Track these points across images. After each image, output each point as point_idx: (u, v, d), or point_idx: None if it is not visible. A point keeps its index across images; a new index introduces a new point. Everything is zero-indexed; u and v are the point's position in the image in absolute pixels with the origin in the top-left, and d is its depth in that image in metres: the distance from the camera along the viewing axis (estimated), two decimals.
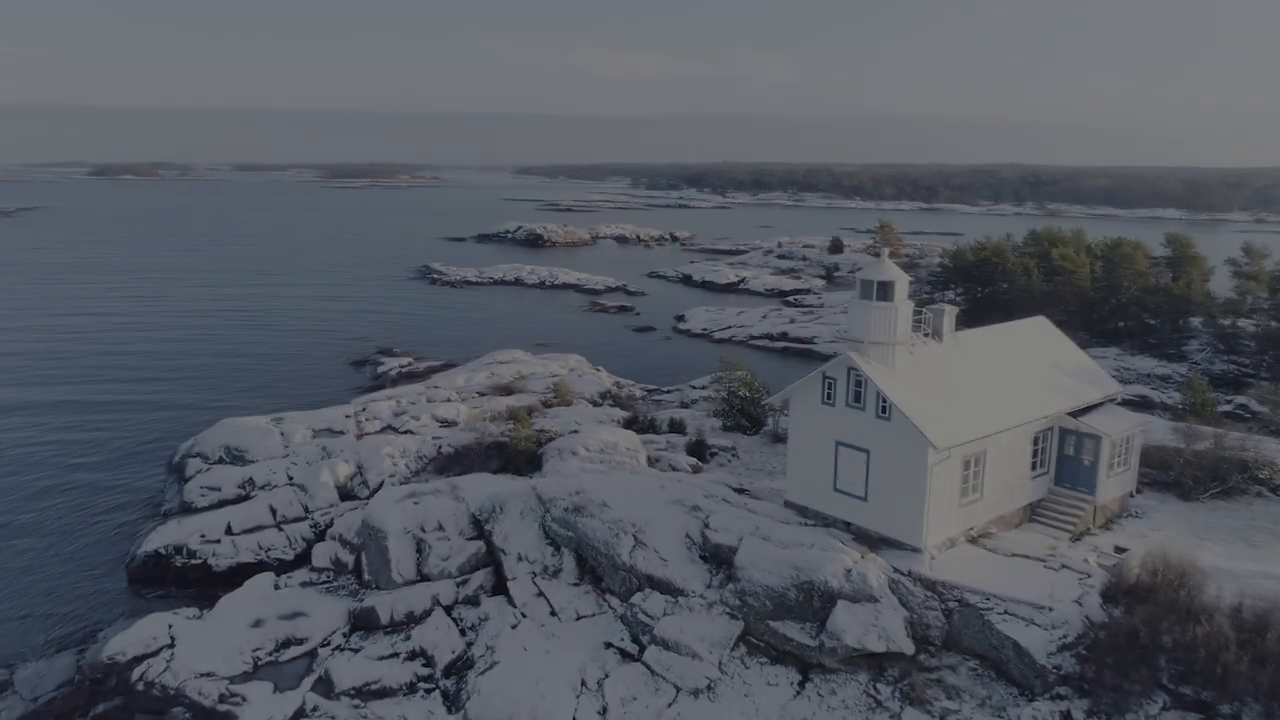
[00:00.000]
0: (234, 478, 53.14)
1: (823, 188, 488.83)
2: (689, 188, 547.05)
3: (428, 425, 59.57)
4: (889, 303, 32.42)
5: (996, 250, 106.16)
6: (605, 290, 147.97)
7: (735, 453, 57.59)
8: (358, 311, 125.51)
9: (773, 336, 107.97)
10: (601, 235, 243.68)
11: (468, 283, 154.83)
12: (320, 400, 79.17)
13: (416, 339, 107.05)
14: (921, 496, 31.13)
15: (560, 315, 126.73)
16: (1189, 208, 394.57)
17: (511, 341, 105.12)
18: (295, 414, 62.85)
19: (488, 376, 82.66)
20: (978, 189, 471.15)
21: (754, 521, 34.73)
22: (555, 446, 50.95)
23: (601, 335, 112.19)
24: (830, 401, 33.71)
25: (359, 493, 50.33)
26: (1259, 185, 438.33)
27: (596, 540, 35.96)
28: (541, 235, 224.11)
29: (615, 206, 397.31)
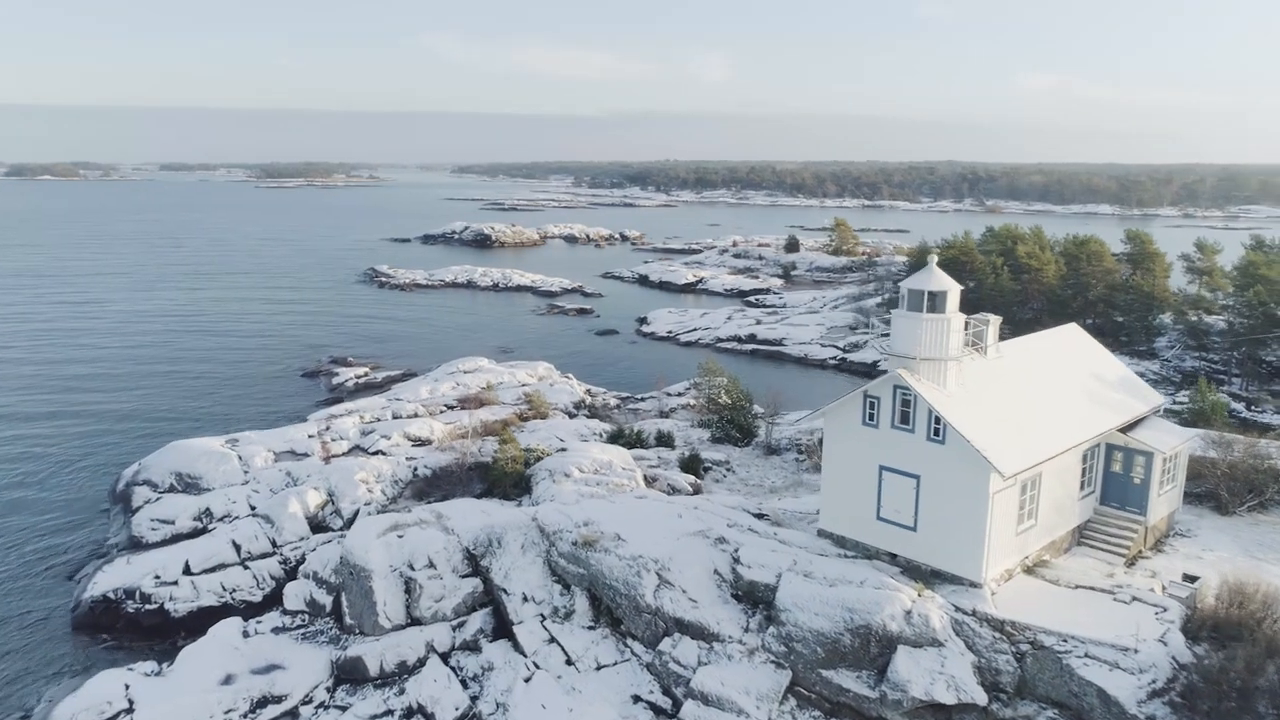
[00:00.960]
0: (188, 508, 48.41)
1: (766, 185, 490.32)
2: (632, 186, 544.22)
3: (400, 445, 55.39)
4: (940, 315, 29.62)
5: (964, 249, 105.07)
6: (562, 292, 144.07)
7: (730, 467, 54.61)
8: (306, 317, 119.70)
9: (740, 339, 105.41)
10: (550, 235, 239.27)
11: (418, 286, 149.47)
12: (274, 416, 74.32)
13: (370, 346, 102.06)
14: (982, 527, 28.38)
15: (518, 319, 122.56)
16: (1121, 203, 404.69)
17: (471, 348, 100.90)
18: (252, 434, 58.10)
19: (453, 387, 78.49)
20: (917, 186, 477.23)
21: (789, 555, 31.65)
22: (545, 467, 47.29)
23: (563, 340, 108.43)
24: (873, 423, 30.80)
25: (331, 523, 46.03)
26: (1185, 181, 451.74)
27: (614, 579, 32.54)
28: (490, 236, 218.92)
29: (560, 206, 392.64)
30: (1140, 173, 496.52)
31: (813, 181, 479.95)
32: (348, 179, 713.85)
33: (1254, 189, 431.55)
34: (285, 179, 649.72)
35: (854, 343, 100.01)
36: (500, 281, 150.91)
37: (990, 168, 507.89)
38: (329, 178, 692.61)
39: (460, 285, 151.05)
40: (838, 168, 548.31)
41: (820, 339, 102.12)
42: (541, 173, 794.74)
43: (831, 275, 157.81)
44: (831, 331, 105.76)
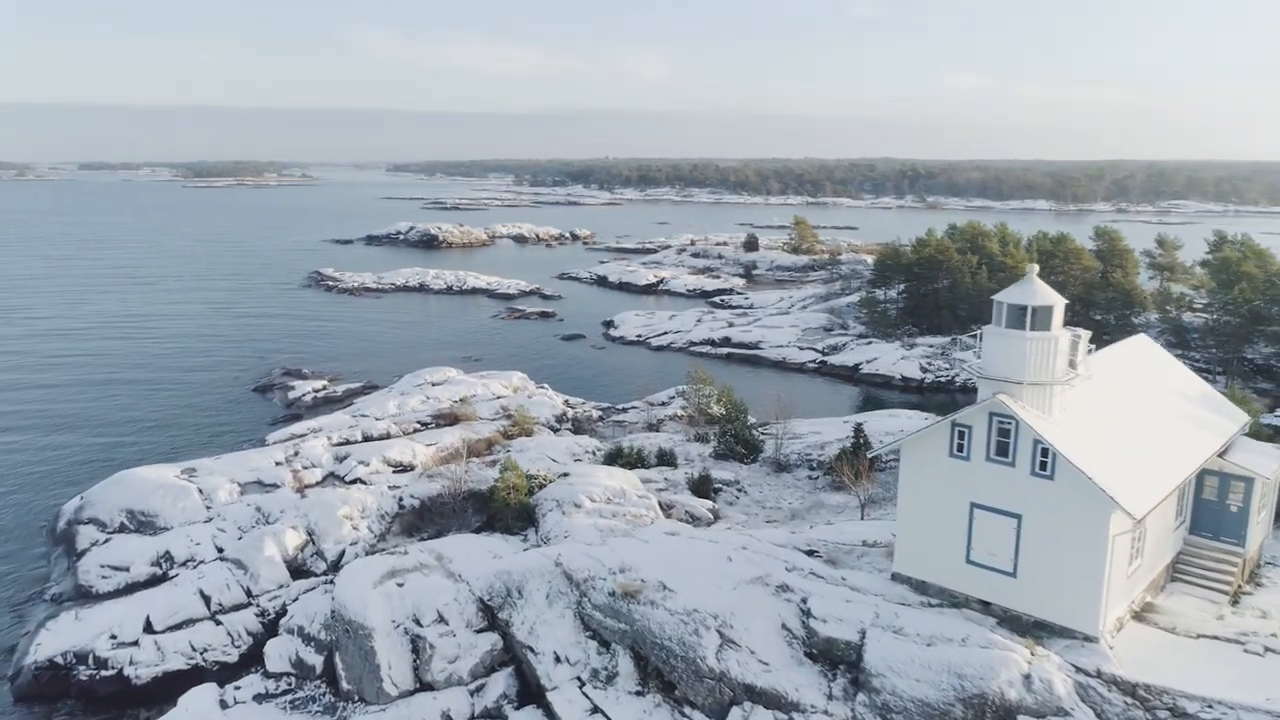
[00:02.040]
0: (144, 552, 42.80)
1: (710, 183, 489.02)
2: (575, 184, 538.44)
3: (380, 473, 50.31)
4: (1046, 333, 26.09)
5: (940, 248, 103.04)
6: (519, 295, 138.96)
7: (741, 487, 50.80)
8: (252, 324, 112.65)
9: (714, 342, 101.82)
10: (499, 235, 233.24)
11: (367, 289, 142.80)
12: (228, 437, 68.35)
13: (324, 356, 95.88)
14: (1099, 573, 24.94)
15: (478, 324, 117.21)
16: (1057, 199, 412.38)
17: (434, 356, 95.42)
18: (210, 462, 52.37)
19: (423, 401, 73.29)
20: (859, 183, 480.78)
21: (868, 606, 27.86)
22: (550, 496, 42.80)
23: (529, 346, 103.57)
24: (963, 454, 27.17)
25: (313, 567, 40.91)
26: (1116, 177, 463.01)
27: (666, 637, 28.38)
28: (437, 236, 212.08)
29: (504, 205, 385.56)
30: (1068, 169, 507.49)
31: (756, 179, 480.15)
32: (280, 178, 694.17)
33: (1181, 184, 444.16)
34: (214, 178, 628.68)
35: (832, 345, 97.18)
36: (454, 284, 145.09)
37: (929, 165, 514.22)
38: (260, 177, 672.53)
39: (412, 289, 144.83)
40: (779, 165, 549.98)
41: (797, 341, 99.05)
42: (480, 171, 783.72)
43: (793, 274, 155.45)
44: (807, 333, 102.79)
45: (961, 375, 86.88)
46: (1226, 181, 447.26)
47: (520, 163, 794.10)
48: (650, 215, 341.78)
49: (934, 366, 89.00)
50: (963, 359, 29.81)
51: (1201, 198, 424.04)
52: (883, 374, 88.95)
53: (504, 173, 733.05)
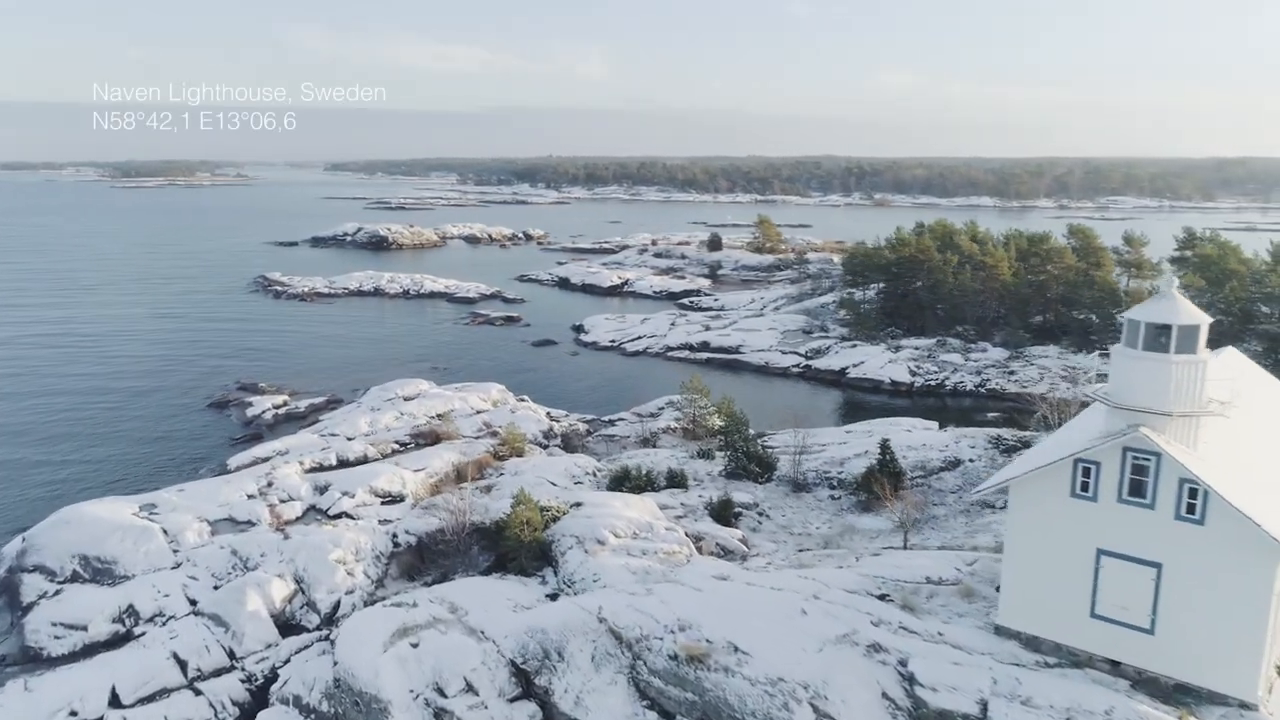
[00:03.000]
0: (104, 606, 37.53)
1: (658, 181, 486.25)
2: (521, 183, 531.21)
3: (368, 505, 45.47)
4: (1192, 356, 22.77)
5: (921, 247, 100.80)
6: (480, 298, 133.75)
7: (762, 511, 47.11)
8: (200, 334, 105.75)
9: (692, 347, 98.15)
10: (450, 235, 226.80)
11: (319, 295, 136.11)
12: (185, 462, 62.60)
13: (281, 367, 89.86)
14: (1260, 631, 21.76)
15: (441, 331, 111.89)
16: (1001, 196, 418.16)
17: (399, 367, 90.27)
18: (172, 496, 46.93)
19: (397, 418, 68.29)
20: (806, 180, 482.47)
21: (980, 669, 24.29)
22: (568, 532, 38.54)
23: (498, 354, 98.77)
24: (1088, 494, 23.76)
25: (305, 620, 36.05)
26: (1056, 174, 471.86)
27: (749, 712, 24.47)
28: (386, 237, 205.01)
29: (450, 204, 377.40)
30: (1008, 166, 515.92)
31: (704, 177, 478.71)
32: (213, 178, 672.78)
33: (1118, 181, 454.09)
34: (144, 178, 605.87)
35: (815, 348, 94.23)
36: (410, 288, 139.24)
37: (874, 162, 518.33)
38: (192, 176, 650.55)
39: (367, 293, 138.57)
40: (727, 163, 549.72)
41: (779, 345, 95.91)
42: (421, 170, 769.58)
43: (759, 274, 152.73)
44: (787, 336, 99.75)
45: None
46: (1160, 178, 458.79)
47: (463, 161, 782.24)
48: (601, 214, 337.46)
49: (923, 370, 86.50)
50: (1092, 388, 26.32)
51: (1138, 193, 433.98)
52: (871, 378, 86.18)
53: (447, 171, 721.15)
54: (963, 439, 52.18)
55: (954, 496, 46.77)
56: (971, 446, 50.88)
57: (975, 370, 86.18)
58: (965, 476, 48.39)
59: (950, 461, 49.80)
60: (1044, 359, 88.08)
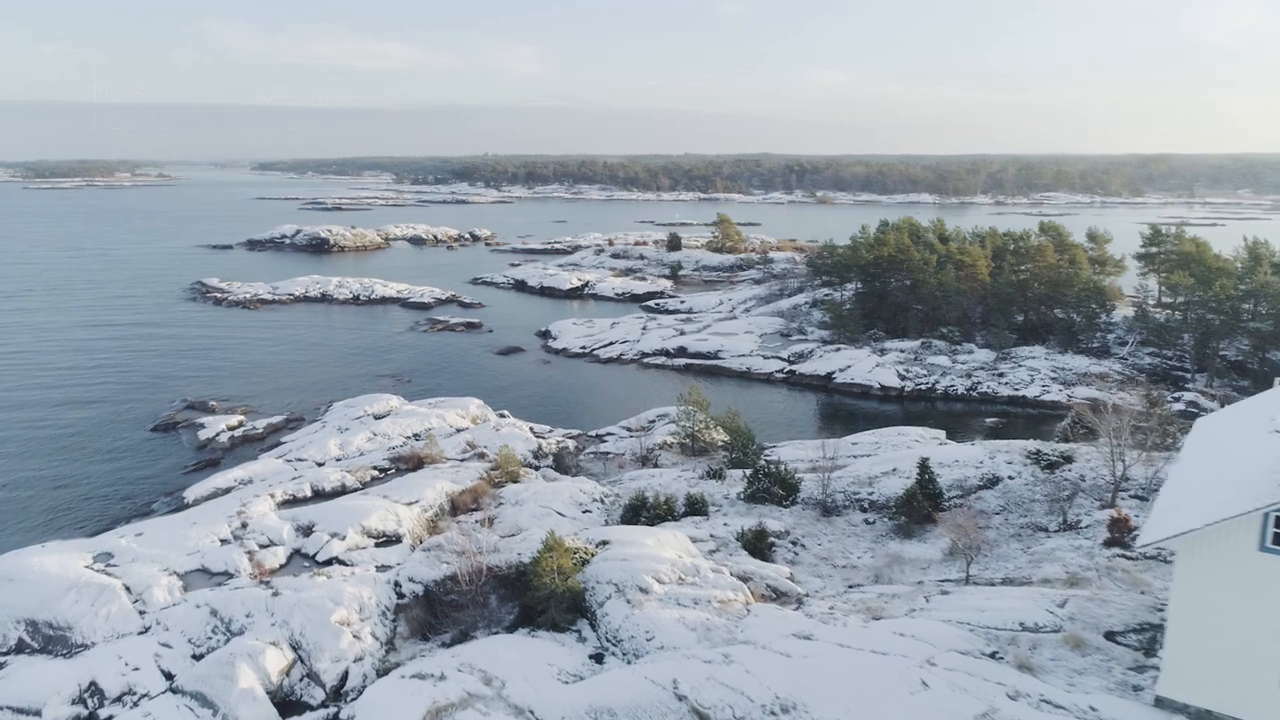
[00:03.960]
0: (60, 683, 31.76)
1: (599, 180, 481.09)
2: (458, 182, 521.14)
3: (362, 548, 40.17)
4: None
5: (901, 246, 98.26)
6: (435, 303, 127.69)
7: (796, 540, 43.15)
8: (136, 348, 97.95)
9: (669, 353, 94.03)
10: (394, 237, 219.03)
11: (263, 302, 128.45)
12: (136, 494, 56.39)
13: (230, 383, 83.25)
14: None
15: (398, 338, 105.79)
16: (940, 192, 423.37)
17: (356, 379, 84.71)
18: (130, 543, 40.98)
19: (370, 439, 62.93)
20: (747, 178, 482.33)
21: None
22: (605, 579, 33.95)
23: (464, 363, 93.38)
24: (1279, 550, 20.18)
25: (308, 696, 30.82)
26: (990, 171, 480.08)
27: None
28: (327, 240, 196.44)
29: (388, 204, 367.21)
30: (941, 163, 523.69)
31: (645, 175, 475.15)
32: (134, 178, 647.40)
33: (1050, 177, 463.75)
34: (59, 178, 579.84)
35: (798, 352, 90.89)
36: (360, 293, 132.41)
37: (813, 160, 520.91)
38: (111, 176, 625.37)
39: (314, 299, 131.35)
40: (664, 161, 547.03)
41: (760, 350, 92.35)
42: (353, 169, 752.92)
43: (720, 274, 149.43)
44: (766, 340, 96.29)
45: (942, 383, 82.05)
46: (1089, 174, 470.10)
47: (397, 160, 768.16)
48: (545, 213, 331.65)
49: (912, 373, 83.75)
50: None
51: (1069, 189, 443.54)
52: (859, 383, 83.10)
53: (380, 170, 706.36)
54: (997, 454, 48.94)
55: (999, 519, 43.44)
56: (1009, 462, 47.66)
57: (965, 373, 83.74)
58: (1007, 496, 45.12)
59: (988, 479, 46.51)
60: (1032, 360, 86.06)
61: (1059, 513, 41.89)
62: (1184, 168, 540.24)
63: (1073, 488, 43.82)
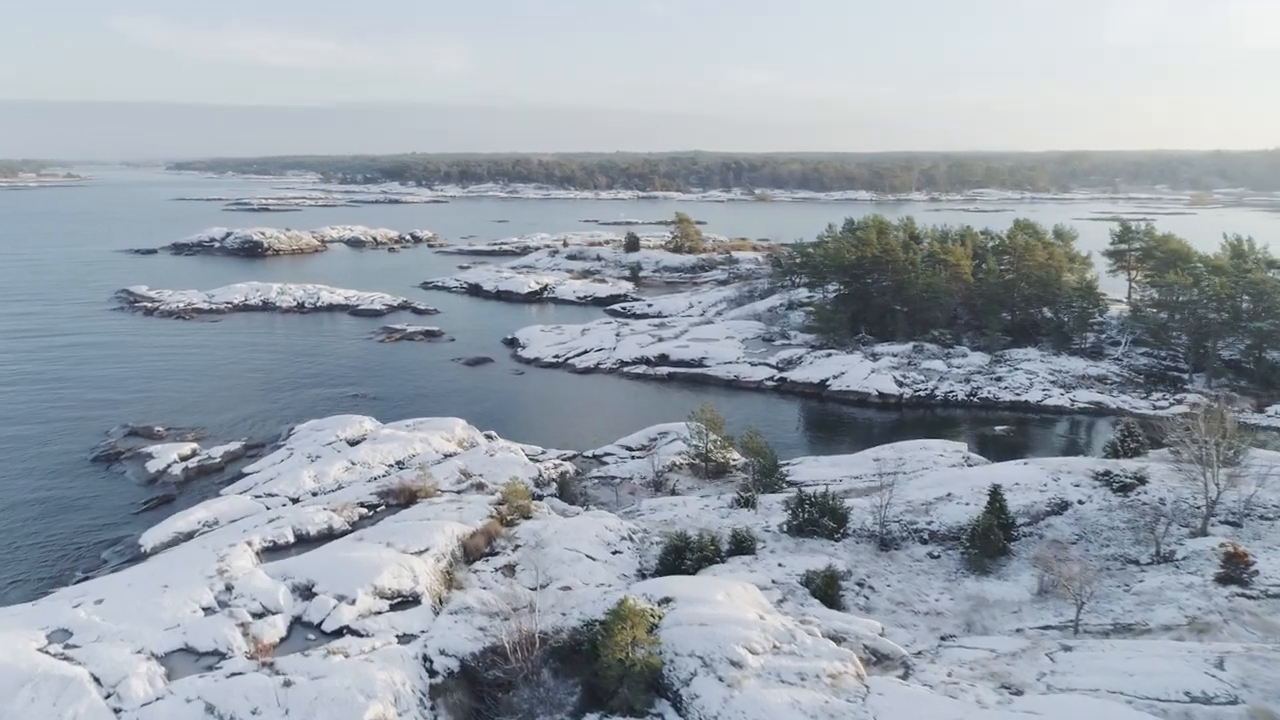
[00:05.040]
0: None
1: (535, 178, 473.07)
2: (389, 181, 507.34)
3: (377, 613, 34.14)
4: None
5: (886, 246, 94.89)
6: (387, 310, 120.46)
7: (862, 581, 38.56)
8: (63, 364, 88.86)
9: (650, 361, 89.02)
10: (330, 239, 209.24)
11: (198, 311, 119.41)
12: (82, 542, 49.21)
13: (174, 404, 75.52)
14: None
15: (354, 350, 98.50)
16: (876, 189, 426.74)
17: (316, 397, 78.06)
18: (91, 616, 34.23)
19: (347, 469, 56.61)
20: (685, 176, 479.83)
21: None
22: (686, 649, 28.72)
23: (430, 376, 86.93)
24: None
25: None
26: (922, 168, 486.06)
27: None
28: (261, 243, 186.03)
29: (318, 204, 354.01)
30: (873, 161, 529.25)
31: (582, 174, 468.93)
32: (39, 178, 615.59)
33: (980, 174, 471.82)
34: None
35: (786, 359, 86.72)
36: (305, 300, 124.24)
37: (750, 157, 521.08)
38: (14, 177, 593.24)
39: (254, 308, 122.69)
40: (596, 159, 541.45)
41: (746, 357, 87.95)
42: (276, 168, 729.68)
43: (682, 275, 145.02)
44: (749, 346, 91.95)
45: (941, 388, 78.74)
46: (1018, 171, 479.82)
47: (321, 159, 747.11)
48: (483, 213, 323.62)
49: (909, 379, 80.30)
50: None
51: (1000, 186, 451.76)
52: (855, 390, 79.31)
53: (304, 170, 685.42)
54: (1060, 474, 45.09)
55: (1078, 550, 39.50)
56: (1076, 485, 43.84)
57: (963, 378, 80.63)
58: (1081, 523, 41.28)
59: (1056, 504, 42.63)
60: (1027, 362, 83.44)
61: (1151, 544, 38.17)
62: (1104, 164, 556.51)
63: (1154, 513, 40.18)
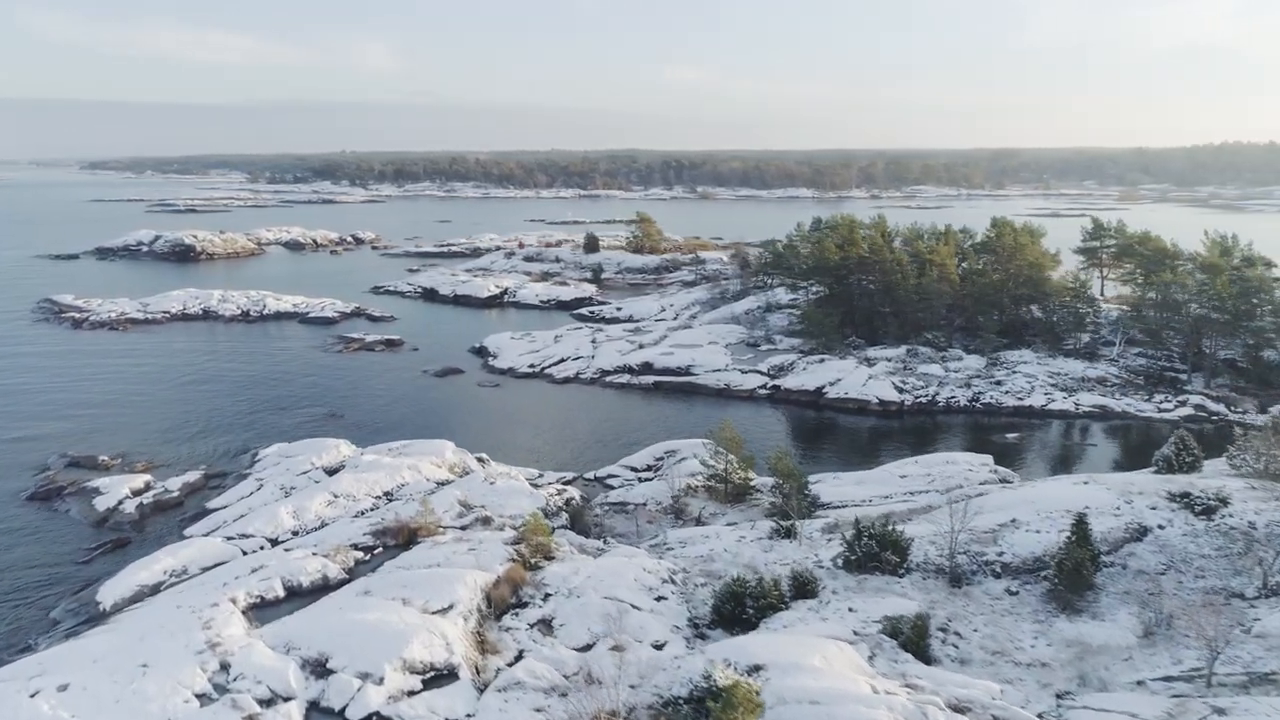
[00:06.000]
0: None
1: (473, 177, 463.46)
2: (320, 180, 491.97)
3: (410, 692, 28.76)
4: None
5: (874, 245, 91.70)
6: (340, 318, 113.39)
7: (945, 628, 34.46)
8: None
9: (633, 369, 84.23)
10: (267, 241, 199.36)
11: (133, 322, 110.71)
12: (21, 601, 42.30)
13: (119, 429, 68.20)
14: None
15: (311, 363, 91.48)
16: (817, 187, 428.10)
17: (279, 417, 71.52)
18: (54, 706, 28.32)
19: (329, 503, 50.78)
20: (626, 174, 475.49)
21: None
22: None
23: (400, 391, 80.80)
24: None
25: None
26: (860, 166, 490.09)
27: None
28: (194, 246, 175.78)
29: (248, 205, 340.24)
30: (811, 158, 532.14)
31: (521, 172, 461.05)
32: None
33: (917, 171, 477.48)
34: None
35: (777, 365, 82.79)
36: (250, 308, 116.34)
37: (690, 155, 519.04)
38: None
39: (195, 317, 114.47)
40: (543, 158, 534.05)
41: (734, 364, 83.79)
42: (199, 167, 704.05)
43: (646, 276, 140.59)
44: (734, 352, 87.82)
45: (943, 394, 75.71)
46: (953, 168, 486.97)
47: (247, 158, 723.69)
48: (422, 213, 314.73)
49: (909, 385, 77.07)
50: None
51: (937, 183, 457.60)
52: (855, 398, 75.74)
53: (229, 169, 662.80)
54: (1132, 495, 41.70)
55: (1168, 581, 36.10)
56: (1152, 508, 40.46)
57: (962, 382, 77.77)
58: (1166, 552, 37.83)
59: (1134, 530, 39.16)
60: (1024, 365, 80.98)
61: (1255, 575, 34.89)
62: (1033, 161, 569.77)
63: (1245, 539, 37.00)
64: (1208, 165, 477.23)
